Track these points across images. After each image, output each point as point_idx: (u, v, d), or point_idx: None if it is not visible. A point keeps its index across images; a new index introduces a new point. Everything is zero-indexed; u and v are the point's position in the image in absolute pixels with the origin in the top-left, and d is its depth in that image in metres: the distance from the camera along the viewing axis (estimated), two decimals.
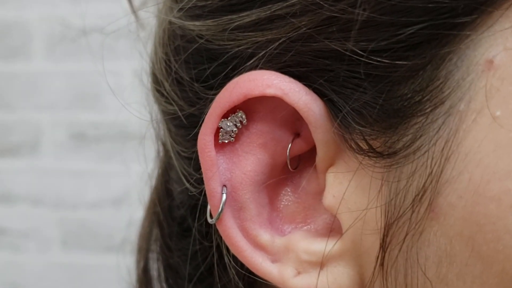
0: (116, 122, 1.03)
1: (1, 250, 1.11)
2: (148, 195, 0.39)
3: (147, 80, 0.35)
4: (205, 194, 0.29)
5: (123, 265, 0.43)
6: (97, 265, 1.08)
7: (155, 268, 0.38)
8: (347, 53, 0.23)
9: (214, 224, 0.27)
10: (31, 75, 1.06)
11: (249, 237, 0.27)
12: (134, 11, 0.38)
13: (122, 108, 0.38)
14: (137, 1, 0.38)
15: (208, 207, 0.27)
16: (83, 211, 1.08)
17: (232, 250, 0.27)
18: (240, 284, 0.30)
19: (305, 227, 0.27)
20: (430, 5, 0.21)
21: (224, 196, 0.26)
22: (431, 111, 0.22)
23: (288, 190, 0.28)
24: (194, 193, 0.30)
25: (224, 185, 0.26)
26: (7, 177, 1.09)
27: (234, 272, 0.29)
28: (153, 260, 0.38)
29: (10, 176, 1.09)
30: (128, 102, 0.39)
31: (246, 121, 0.26)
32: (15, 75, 1.07)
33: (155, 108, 0.34)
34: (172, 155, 0.32)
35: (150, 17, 0.35)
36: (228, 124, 0.25)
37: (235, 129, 0.26)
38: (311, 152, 0.26)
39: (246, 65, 0.25)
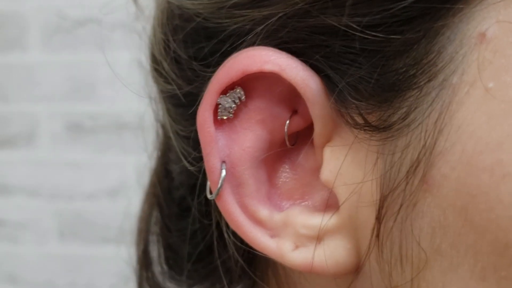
0: (112, 113, 1.03)
1: None
2: (148, 177, 0.40)
3: (145, 62, 0.35)
4: (204, 173, 0.29)
5: (120, 255, 0.43)
6: (94, 255, 1.08)
7: (155, 250, 0.39)
8: (342, 28, 0.23)
9: (214, 202, 0.28)
10: (27, 67, 1.06)
11: (248, 213, 0.27)
12: None
13: (118, 98, 0.38)
14: None
15: (208, 183, 0.28)
16: (79, 202, 1.08)
17: (232, 226, 0.27)
18: (240, 260, 0.30)
19: (303, 203, 0.28)
20: None
21: (224, 172, 0.26)
22: (424, 84, 0.23)
23: (286, 167, 0.28)
24: (193, 171, 0.31)
25: (223, 161, 0.27)
26: (3, 168, 1.10)
27: (234, 248, 0.30)
28: (153, 242, 0.39)
29: (6, 168, 1.10)
30: (125, 87, 0.39)
31: (245, 97, 0.26)
32: (11, 67, 1.07)
33: (154, 90, 0.35)
34: (171, 134, 0.32)
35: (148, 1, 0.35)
36: (227, 100, 0.26)
37: (233, 105, 0.26)
38: (309, 129, 0.27)
39: (243, 41, 0.26)
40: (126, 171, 1.04)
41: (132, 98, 0.38)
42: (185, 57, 0.28)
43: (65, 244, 1.10)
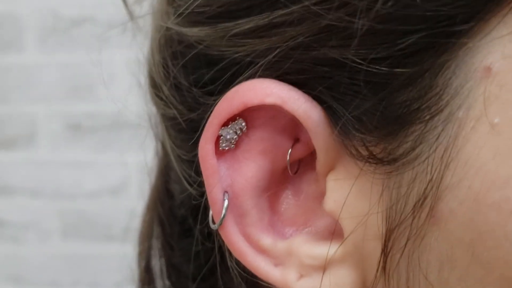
0: (111, 111, 1.02)
1: (2, 243, 1.11)
2: (148, 193, 0.40)
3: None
4: (206, 196, 0.29)
5: (124, 253, 0.43)
6: (98, 254, 1.08)
7: (156, 261, 0.39)
8: (347, 61, 0.23)
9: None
10: (24, 68, 1.06)
11: (251, 242, 0.27)
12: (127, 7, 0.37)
13: (117, 97, 0.38)
14: None
15: (210, 212, 0.28)
16: (81, 202, 1.08)
17: (235, 255, 0.27)
18: (243, 286, 0.30)
19: (305, 230, 0.27)
20: (428, 14, 0.21)
21: (226, 202, 0.26)
22: (430, 118, 0.22)
23: (289, 193, 0.28)
24: (196, 196, 0.30)
25: (226, 191, 0.26)
26: (4, 169, 1.09)
27: (237, 274, 0.29)
28: (155, 256, 0.39)
29: (7, 169, 1.09)
30: (123, 94, 0.39)
31: (246, 128, 0.26)
32: (8, 68, 1.06)
33: (153, 110, 0.34)
34: (172, 158, 0.32)
35: (146, 16, 0.35)
36: (229, 132, 0.26)
37: (235, 136, 0.26)
38: (311, 155, 0.27)
39: (245, 72, 0.25)
40: (127, 169, 1.03)
41: (130, 96, 0.38)
42: (185, 84, 0.28)
43: (68, 243, 1.10)
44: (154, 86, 0.31)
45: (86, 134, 1.06)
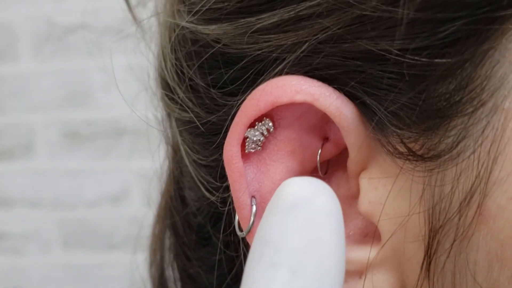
0: (109, 118, 1.01)
1: (2, 255, 1.10)
2: (159, 201, 0.38)
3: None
4: (226, 203, 0.28)
5: (126, 261, 0.42)
6: (99, 263, 1.07)
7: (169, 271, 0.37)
8: (383, 53, 0.21)
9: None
10: (20, 76, 1.04)
11: None
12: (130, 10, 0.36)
13: (114, 104, 0.37)
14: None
15: (236, 218, 0.26)
16: (82, 210, 1.06)
17: None
18: None
19: None
20: None
21: (254, 207, 0.25)
22: (473, 111, 0.21)
23: None
24: (216, 202, 0.29)
25: (253, 196, 0.25)
26: (3, 180, 1.08)
27: None
28: (167, 267, 0.37)
29: (6, 180, 1.08)
30: (122, 100, 0.37)
31: (273, 128, 0.24)
32: (3, 77, 1.05)
33: (162, 113, 0.33)
34: (187, 163, 0.30)
35: (151, 18, 0.33)
36: (255, 133, 0.24)
37: (262, 138, 0.24)
38: (341, 155, 0.25)
39: (270, 70, 0.24)
40: (126, 176, 1.02)
41: (128, 102, 0.36)
42: (202, 85, 0.26)
43: (70, 253, 1.09)
44: (167, 88, 0.29)
45: (84, 142, 1.05)
